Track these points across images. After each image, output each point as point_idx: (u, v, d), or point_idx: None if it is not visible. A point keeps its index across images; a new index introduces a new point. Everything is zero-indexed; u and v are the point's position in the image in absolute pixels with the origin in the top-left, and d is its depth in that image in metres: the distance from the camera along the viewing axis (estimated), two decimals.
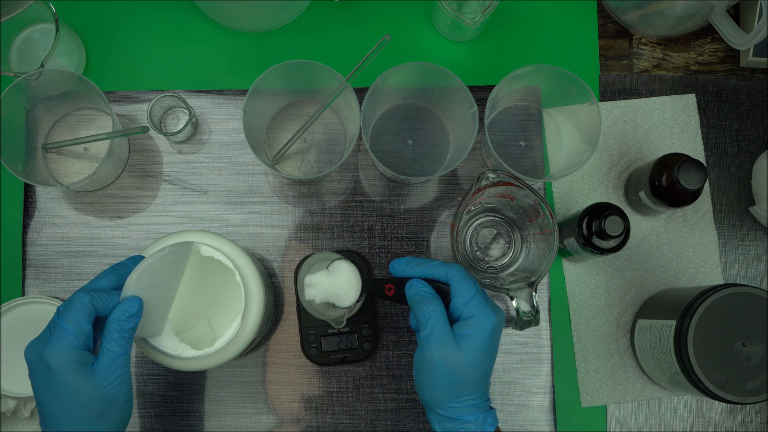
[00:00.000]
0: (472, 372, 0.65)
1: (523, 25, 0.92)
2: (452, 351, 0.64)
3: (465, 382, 0.65)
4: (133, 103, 0.88)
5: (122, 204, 0.87)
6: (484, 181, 0.76)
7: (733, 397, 0.72)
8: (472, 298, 0.65)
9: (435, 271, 0.68)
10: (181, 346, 0.69)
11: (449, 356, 0.64)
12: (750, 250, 0.89)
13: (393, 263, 0.70)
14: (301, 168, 0.88)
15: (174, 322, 0.71)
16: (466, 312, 0.65)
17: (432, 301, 0.66)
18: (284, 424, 0.85)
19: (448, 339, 0.64)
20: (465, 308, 0.65)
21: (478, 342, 0.64)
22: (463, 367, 0.64)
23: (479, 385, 0.65)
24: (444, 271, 0.67)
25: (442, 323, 0.65)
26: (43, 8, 0.81)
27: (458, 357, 0.64)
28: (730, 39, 0.85)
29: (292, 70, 0.79)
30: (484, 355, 0.65)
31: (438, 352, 0.64)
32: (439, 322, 0.65)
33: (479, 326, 0.65)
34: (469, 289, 0.66)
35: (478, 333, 0.64)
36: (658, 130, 0.90)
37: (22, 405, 0.82)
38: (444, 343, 0.64)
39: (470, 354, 0.64)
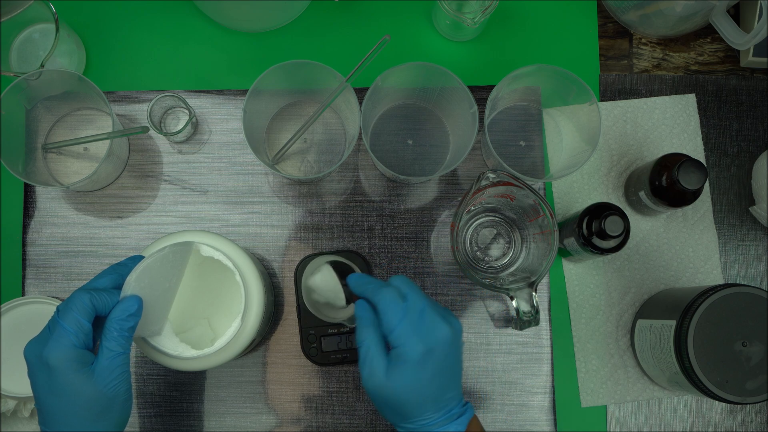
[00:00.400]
0: (408, 399, 0.63)
1: (523, 25, 0.92)
2: (382, 381, 0.63)
3: (404, 407, 0.63)
4: (133, 103, 0.88)
5: (122, 204, 0.87)
6: (484, 181, 0.76)
7: (733, 397, 0.72)
8: (395, 327, 0.63)
9: (368, 294, 0.66)
10: (181, 346, 0.69)
11: (380, 386, 0.63)
12: (750, 250, 0.89)
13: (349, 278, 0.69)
14: (301, 168, 0.88)
15: (174, 322, 0.71)
16: (392, 341, 0.63)
17: (367, 327, 0.64)
18: (284, 424, 0.85)
19: (378, 368, 0.63)
20: (390, 338, 0.63)
21: (405, 372, 0.62)
22: (396, 396, 0.63)
23: (424, 407, 0.63)
24: (373, 295, 0.65)
25: (372, 351, 0.63)
26: (43, 8, 0.81)
27: (388, 386, 0.62)
28: (730, 39, 0.85)
29: (292, 70, 0.79)
30: (416, 383, 0.62)
31: (370, 381, 0.63)
32: (369, 350, 0.63)
33: (403, 357, 0.62)
34: (393, 317, 0.63)
35: (402, 364, 0.62)
36: (658, 130, 0.90)
37: (22, 405, 0.82)
38: (374, 373, 0.63)
39: (400, 383, 0.62)
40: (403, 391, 0.62)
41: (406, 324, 0.63)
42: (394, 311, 0.63)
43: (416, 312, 0.64)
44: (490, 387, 0.86)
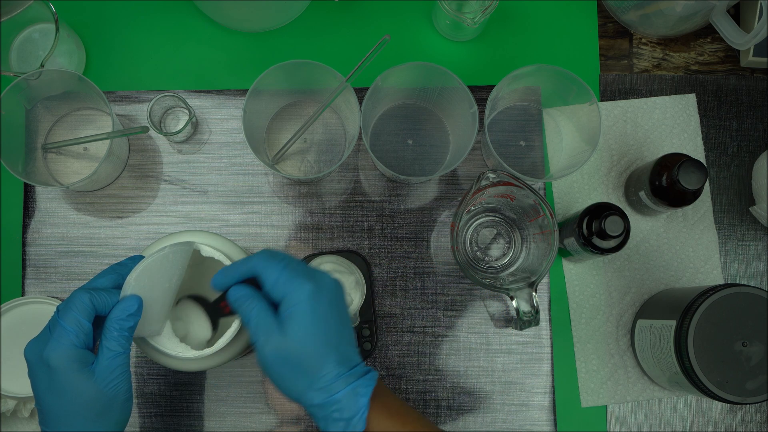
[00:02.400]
0: (310, 348, 0.60)
1: (523, 25, 0.92)
2: (279, 338, 0.60)
3: (307, 360, 0.60)
4: (133, 103, 0.88)
5: (122, 204, 0.87)
6: (484, 181, 0.76)
7: (733, 397, 0.72)
8: (278, 277, 0.61)
9: (241, 270, 0.64)
10: (181, 346, 0.69)
11: (279, 344, 0.60)
12: (750, 250, 0.89)
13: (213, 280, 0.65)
14: (301, 168, 0.88)
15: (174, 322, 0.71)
16: (277, 294, 0.61)
17: (249, 299, 0.62)
18: (284, 424, 0.85)
19: (272, 329, 0.60)
20: (274, 291, 0.61)
21: (300, 315, 0.60)
22: (297, 348, 0.60)
23: (327, 357, 0.60)
24: (248, 265, 0.63)
25: (263, 316, 0.61)
26: (43, 8, 0.81)
27: (287, 341, 0.60)
28: (730, 39, 0.85)
29: (292, 70, 0.79)
30: (312, 326, 0.60)
31: (268, 346, 0.60)
32: (259, 315, 0.61)
33: (293, 299, 0.60)
34: (273, 270, 0.61)
35: (295, 308, 0.60)
36: (658, 130, 0.90)
37: (22, 405, 0.82)
38: (270, 335, 0.60)
39: (297, 330, 0.60)
40: (303, 338, 0.60)
41: (289, 271, 0.61)
42: (274, 264, 0.62)
43: (295, 263, 0.63)
44: (490, 387, 0.86)
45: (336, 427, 0.60)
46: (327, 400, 0.60)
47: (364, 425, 0.60)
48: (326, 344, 0.61)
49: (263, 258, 0.63)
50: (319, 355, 0.60)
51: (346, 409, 0.60)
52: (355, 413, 0.60)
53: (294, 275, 0.61)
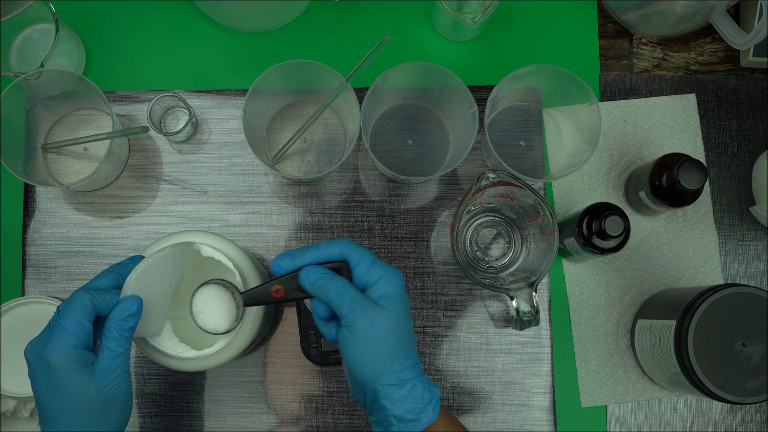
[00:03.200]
0: (405, 328, 0.63)
1: (523, 25, 0.92)
2: (381, 313, 0.62)
3: (402, 340, 0.63)
4: (133, 103, 0.88)
5: (122, 204, 0.87)
6: (484, 181, 0.76)
7: (733, 397, 0.72)
8: (373, 262, 0.63)
9: (326, 252, 0.64)
10: (180, 346, 0.69)
11: (380, 318, 0.62)
12: (750, 250, 0.89)
13: (275, 261, 0.65)
14: (301, 168, 0.88)
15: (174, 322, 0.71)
16: (372, 276, 0.63)
17: (337, 279, 0.63)
18: (284, 424, 0.85)
19: (372, 304, 0.62)
20: (370, 273, 0.63)
21: (397, 298, 0.63)
22: (395, 325, 0.62)
23: (412, 343, 0.64)
24: (336, 248, 0.64)
25: (358, 293, 0.63)
26: (43, 8, 0.81)
27: (388, 316, 0.62)
28: (730, 39, 0.85)
29: (292, 70, 0.79)
30: (406, 310, 0.63)
31: (367, 319, 0.62)
32: (355, 293, 0.62)
33: (391, 283, 0.63)
34: (367, 255, 0.64)
35: (393, 289, 0.63)
36: (658, 130, 0.90)
37: (22, 405, 0.82)
38: (370, 309, 0.62)
39: (396, 310, 0.62)
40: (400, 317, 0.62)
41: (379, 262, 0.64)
42: (365, 251, 0.64)
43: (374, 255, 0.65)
44: (490, 387, 0.86)
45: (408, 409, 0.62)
46: (404, 381, 0.62)
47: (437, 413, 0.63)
48: (409, 333, 0.64)
49: (352, 243, 0.65)
50: (410, 339, 0.64)
51: (420, 397, 0.62)
52: (430, 400, 0.63)
53: (384, 264, 0.64)
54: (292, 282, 0.64)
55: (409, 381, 0.62)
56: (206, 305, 0.66)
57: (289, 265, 0.64)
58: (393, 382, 0.62)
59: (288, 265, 0.64)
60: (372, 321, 0.61)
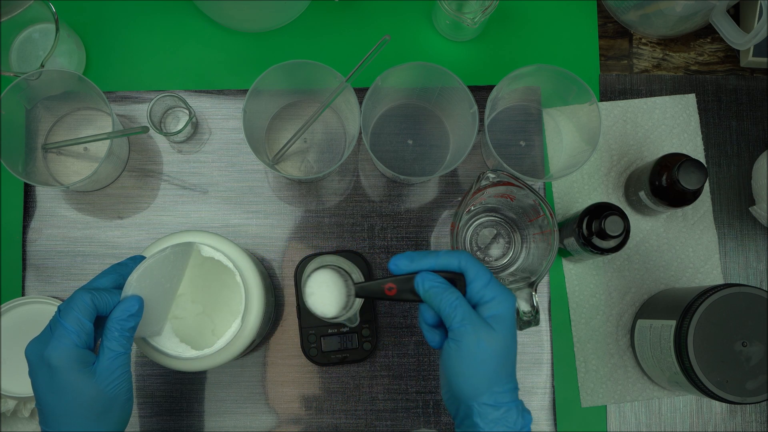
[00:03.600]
0: (510, 351, 0.63)
1: (523, 25, 0.92)
2: (490, 333, 0.62)
3: (506, 363, 0.63)
4: (133, 103, 0.88)
5: (122, 204, 0.87)
6: (484, 181, 0.76)
7: (733, 397, 0.72)
8: (489, 280, 0.64)
9: (445, 261, 0.65)
10: (181, 346, 0.69)
11: (489, 338, 0.62)
12: (750, 250, 0.90)
13: (394, 261, 0.66)
14: (301, 168, 0.88)
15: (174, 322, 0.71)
16: (487, 294, 0.63)
17: (452, 291, 0.64)
18: (284, 424, 0.85)
19: (482, 323, 0.63)
20: (485, 291, 0.63)
21: (508, 320, 0.63)
22: (503, 347, 0.63)
23: (514, 368, 0.64)
24: (455, 260, 0.65)
25: (470, 309, 0.63)
26: (43, 8, 0.81)
27: (497, 338, 0.62)
28: (730, 39, 0.85)
29: (292, 70, 0.79)
30: (513, 334, 0.64)
31: (476, 337, 0.62)
32: (468, 308, 0.63)
33: (504, 305, 0.63)
34: (485, 272, 0.64)
35: (505, 312, 0.63)
36: (658, 130, 0.90)
37: (22, 405, 0.82)
38: (480, 327, 0.62)
39: (505, 333, 0.63)
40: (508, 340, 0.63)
41: (495, 281, 0.64)
42: (483, 268, 0.64)
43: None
44: None
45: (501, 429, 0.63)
46: (500, 404, 0.63)
47: None
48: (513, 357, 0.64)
49: (472, 258, 0.65)
50: (509, 363, 0.64)
51: (513, 422, 0.63)
52: (522, 426, 0.63)
53: (500, 284, 0.64)
54: (406, 284, 0.66)
55: (505, 404, 0.63)
56: (319, 288, 0.67)
57: (407, 267, 0.66)
58: (490, 403, 0.63)
59: (405, 266, 0.66)
60: (480, 339, 0.62)
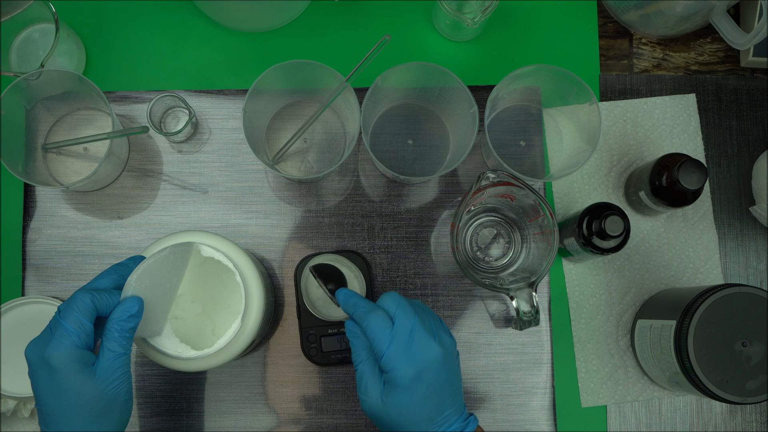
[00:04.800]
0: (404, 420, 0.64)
1: (523, 25, 0.92)
2: (377, 404, 0.65)
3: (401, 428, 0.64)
4: (133, 103, 0.88)
5: (122, 204, 0.87)
6: (484, 181, 0.76)
7: (733, 397, 0.72)
8: (384, 352, 0.64)
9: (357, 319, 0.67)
10: (181, 346, 0.69)
11: (377, 408, 0.65)
12: (750, 250, 0.89)
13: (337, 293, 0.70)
14: (301, 168, 0.88)
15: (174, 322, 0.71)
16: (382, 366, 0.65)
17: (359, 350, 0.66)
18: (284, 424, 0.85)
19: (373, 392, 0.65)
20: (381, 363, 0.65)
21: (399, 395, 0.64)
22: (393, 418, 0.64)
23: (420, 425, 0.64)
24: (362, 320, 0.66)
25: (367, 374, 0.65)
26: (43, 8, 0.81)
27: (384, 410, 0.64)
28: (730, 39, 0.85)
29: (292, 70, 0.79)
30: (409, 405, 0.64)
31: (366, 404, 0.65)
32: (364, 373, 0.66)
33: (395, 382, 0.64)
34: (382, 343, 0.64)
35: (395, 390, 0.64)
36: (658, 130, 0.90)
37: (22, 405, 0.82)
38: (370, 396, 0.65)
39: (395, 405, 0.64)
40: (398, 415, 0.64)
41: (394, 348, 0.64)
42: (382, 337, 0.64)
43: (405, 334, 0.64)
44: (490, 387, 0.86)
45: None
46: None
47: None
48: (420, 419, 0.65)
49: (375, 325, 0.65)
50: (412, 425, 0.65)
51: None
52: None
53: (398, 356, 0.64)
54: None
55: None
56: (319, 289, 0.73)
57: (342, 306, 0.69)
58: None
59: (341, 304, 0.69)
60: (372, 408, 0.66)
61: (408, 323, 0.65)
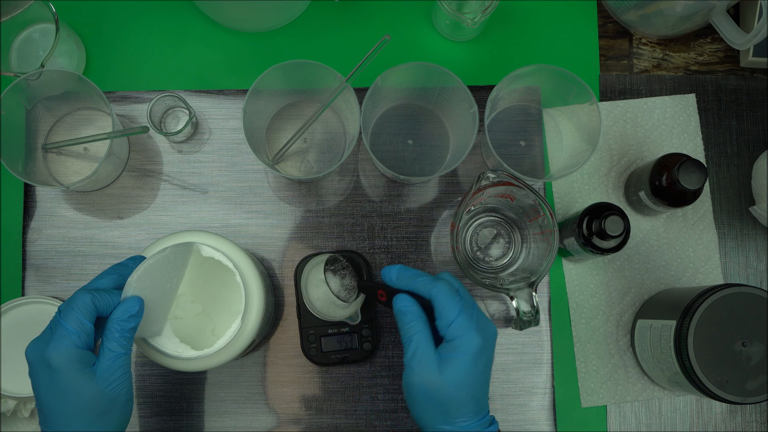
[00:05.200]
0: (457, 395, 0.63)
1: (523, 25, 0.92)
2: (434, 376, 0.63)
3: (451, 405, 0.63)
4: (133, 103, 0.88)
5: (122, 204, 0.87)
6: (484, 181, 0.77)
7: (733, 397, 0.72)
8: (455, 319, 0.63)
9: (420, 288, 0.66)
10: (181, 346, 0.69)
11: (431, 381, 0.63)
12: (750, 250, 0.90)
13: (385, 270, 0.68)
14: (301, 168, 0.88)
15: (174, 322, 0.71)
16: (448, 334, 0.63)
17: (415, 321, 0.64)
18: (284, 424, 0.85)
19: (430, 363, 0.63)
20: (447, 330, 0.63)
21: (461, 365, 0.63)
22: (446, 392, 0.63)
23: (468, 407, 0.64)
24: (428, 288, 0.65)
25: (423, 345, 0.63)
26: (43, 8, 0.81)
27: (441, 382, 0.62)
28: (730, 39, 0.85)
29: (292, 70, 0.79)
30: (468, 378, 0.63)
31: (420, 377, 0.63)
32: (420, 344, 0.63)
33: (461, 349, 0.63)
34: (452, 310, 0.63)
35: (460, 357, 0.63)
36: (658, 130, 0.90)
37: (22, 405, 0.82)
38: (425, 368, 0.63)
39: (453, 378, 0.62)
40: (455, 386, 0.63)
41: (465, 317, 0.63)
42: (452, 304, 0.64)
43: (471, 306, 0.65)
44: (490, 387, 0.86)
45: None
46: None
47: None
48: (471, 395, 0.64)
49: (444, 291, 0.64)
50: (462, 403, 0.63)
51: None
52: None
53: (468, 323, 0.63)
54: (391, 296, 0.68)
55: None
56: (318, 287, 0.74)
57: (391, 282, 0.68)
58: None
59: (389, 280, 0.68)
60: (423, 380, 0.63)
61: (470, 298, 0.65)
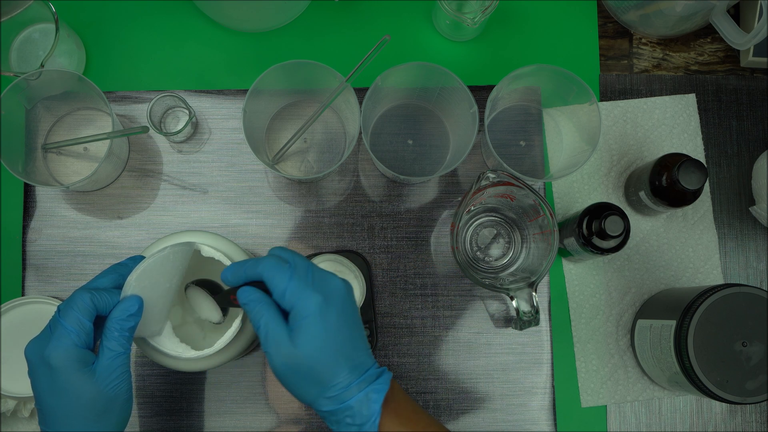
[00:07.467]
0: (321, 360, 0.60)
1: (523, 25, 0.92)
2: (290, 350, 0.60)
3: (320, 372, 0.60)
4: (133, 103, 0.88)
5: (122, 204, 0.87)
6: (484, 181, 0.77)
7: (733, 397, 0.72)
8: (286, 287, 0.61)
9: (249, 273, 0.63)
10: (180, 346, 0.69)
11: (290, 355, 0.60)
12: (750, 250, 0.89)
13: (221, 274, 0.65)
14: (301, 168, 0.88)
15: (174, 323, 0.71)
16: (286, 304, 0.61)
17: (259, 306, 0.62)
18: (284, 424, 0.85)
19: (282, 339, 0.60)
20: (284, 301, 0.61)
21: (310, 329, 0.60)
22: (308, 361, 0.60)
23: (340, 367, 0.61)
24: (256, 270, 0.63)
25: (272, 325, 0.61)
26: (43, 8, 0.81)
27: (299, 353, 0.60)
28: (730, 39, 0.85)
29: (292, 70, 0.79)
30: (324, 339, 0.60)
31: (279, 356, 0.61)
32: (269, 325, 0.61)
33: (302, 313, 0.60)
34: (281, 279, 0.61)
35: (306, 321, 0.60)
36: (658, 130, 0.90)
37: (22, 405, 0.82)
38: (281, 345, 0.60)
39: (308, 344, 0.60)
40: (313, 351, 0.60)
41: (296, 281, 0.61)
42: (281, 274, 0.61)
43: (303, 269, 0.62)
44: (490, 387, 0.87)
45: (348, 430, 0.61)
46: (338, 407, 0.61)
47: (376, 430, 0.61)
48: (337, 354, 0.61)
49: (270, 266, 0.62)
50: (330, 366, 0.61)
51: (358, 415, 0.61)
52: (367, 419, 0.61)
53: (301, 287, 0.61)
54: None
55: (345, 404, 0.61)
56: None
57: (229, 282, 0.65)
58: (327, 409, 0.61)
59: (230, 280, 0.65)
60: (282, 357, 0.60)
61: (303, 262, 0.63)
